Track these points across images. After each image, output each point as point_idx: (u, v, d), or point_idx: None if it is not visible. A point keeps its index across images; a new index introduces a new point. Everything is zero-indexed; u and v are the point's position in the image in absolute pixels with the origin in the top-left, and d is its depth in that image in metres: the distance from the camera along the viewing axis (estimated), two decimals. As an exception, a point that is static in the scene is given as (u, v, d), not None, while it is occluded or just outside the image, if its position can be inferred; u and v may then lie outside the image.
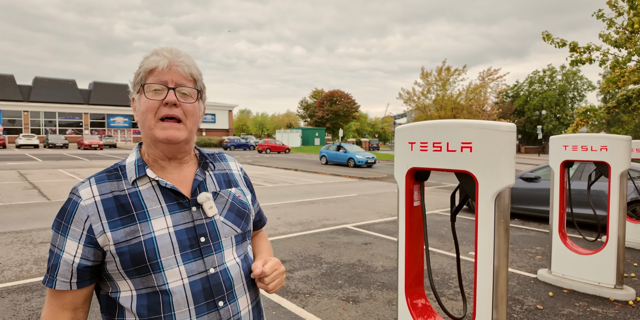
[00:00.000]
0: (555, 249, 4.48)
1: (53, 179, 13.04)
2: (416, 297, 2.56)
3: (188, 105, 1.01)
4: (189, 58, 1.03)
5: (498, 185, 2.06)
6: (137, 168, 1.02)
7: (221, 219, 1.06)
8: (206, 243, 1.02)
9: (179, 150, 1.05)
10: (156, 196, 1.00)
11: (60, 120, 45.75)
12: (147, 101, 0.99)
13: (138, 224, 0.96)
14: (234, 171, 1.21)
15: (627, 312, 3.70)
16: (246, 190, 1.20)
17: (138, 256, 0.94)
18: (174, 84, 0.99)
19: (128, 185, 1.00)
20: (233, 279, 1.05)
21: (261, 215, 1.35)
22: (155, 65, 0.98)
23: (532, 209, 7.75)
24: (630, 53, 6.52)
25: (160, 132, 0.98)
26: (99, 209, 0.96)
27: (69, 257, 0.95)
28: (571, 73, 52.42)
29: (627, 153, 4.11)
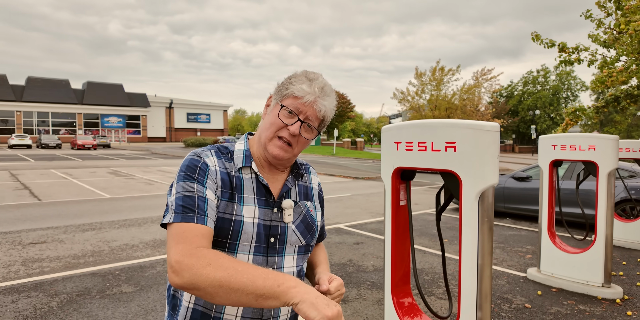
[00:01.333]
0: (545, 248, 4.51)
1: (45, 179, 12.95)
2: (403, 296, 2.57)
3: (304, 139, 1.12)
4: (332, 101, 1.13)
5: (482, 185, 2.07)
6: (245, 158, 1.13)
7: (292, 227, 1.14)
8: (274, 244, 1.10)
9: (284, 165, 1.16)
10: (253, 187, 1.10)
11: (53, 120, 45.43)
12: (276, 118, 1.09)
13: (235, 203, 1.06)
14: (313, 186, 1.28)
15: (614, 310, 3.73)
16: (318, 206, 1.26)
17: (223, 231, 1.02)
18: (304, 117, 1.09)
19: (235, 168, 1.11)
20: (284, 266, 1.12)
21: (323, 230, 1.38)
22: (303, 95, 1.08)
23: (524, 208, 7.79)
24: (618, 53, 6.59)
25: (272, 148, 1.10)
26: (218, 177, 1.06)
27: (212, 202, 1.02)
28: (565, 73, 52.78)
29: (614, 152, 4.15)
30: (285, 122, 1.09)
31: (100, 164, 19.38)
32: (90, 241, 5.72)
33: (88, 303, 3.64)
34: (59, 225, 6.63)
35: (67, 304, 3.60)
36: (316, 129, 1.13)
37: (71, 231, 6.28)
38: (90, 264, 4.71)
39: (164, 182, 12.89)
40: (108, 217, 7.39)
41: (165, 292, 3.89)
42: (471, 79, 32.10)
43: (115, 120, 49.07)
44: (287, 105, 1.09)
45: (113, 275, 4.36)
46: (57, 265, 4.64)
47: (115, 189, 11.11)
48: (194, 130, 55.92)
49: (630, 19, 5.25)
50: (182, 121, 55.46)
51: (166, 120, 54.07)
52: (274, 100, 1.14)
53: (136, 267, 4.64)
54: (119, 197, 9.73)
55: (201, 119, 57.10)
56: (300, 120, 1.09)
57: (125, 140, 49.37)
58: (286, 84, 1.11)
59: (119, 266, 4.67)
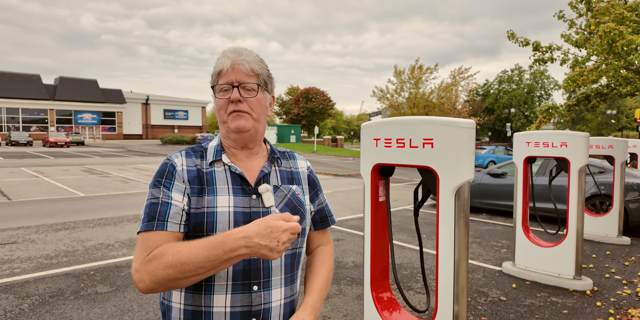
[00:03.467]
0: (519, 242, 4.63)
1: (15, 177, 12.51)
2: (382, 291, 2.60)
3: (251, 99, 1.12)
4: (251, 55, 1.13)
5: (458, 180, 2.10)
6: (215, 152, 1.16)
7: (276, 212, 1.13)
8: None
9: (249, 139, 1.16)
10: (226, 178, 1.12)
11: (23, 116, 43.86)
12: (218, 100, 1.13)
13: (206, 196, 1.08)
14: (301, 169, 1.28)
15: (584, 301, 3.87)
16: (307, 189, 1.26)
17: (198, 225, 1.05)
18: (237, 82, 1.10)
19: (207, 165, 1.14)
20: (272, 269, 1.11)
21: (323, 214, 1.33)
22: (222, 67, 1.11)
23: (499, 204, 7.98)
24: (589, 53, 6.81)
25: (231, 123, 1.11)
26: (185, 176, 1.10)
27: (178, 204, 1.05)
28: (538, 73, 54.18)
29: (585, 149, 4.29)
30: (226, 97, 1.11)
31: (73, 162, 18.84)
32: (64, 241, 5.56)
33: (62, 304, 3.54)
34: (30, 225, 6.43)
35: (39, 306, 3.50)
36: (256, 84, 1.13)
37: (43, 231, 6.09)
38: (64, 264, 4.58)
39: (140, 180, 12.64)
40: (82, 216, 7.20)
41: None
42: (449, 77, 32.63)
43: (90, 116, 47.75)
44: (219, 84, 1.12)
45: (88, 276, 4.25)
46: (28, 266, 4.49)
47: (90, 187, 10.83)
48: (172, 127, 54.94)
49: (600, 20, 5.44)
50: (159, 118, 54.41)
51: (142, 117, 52.94)
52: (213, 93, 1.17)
53: (112, 267, 4.54)
54: (94, 195, 9.49)
55: (179, 115, 56.15)
56: (234, 86, 1.10)
57: (100, 138, 48.13)
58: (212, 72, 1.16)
59: (94, 266, 4.56)
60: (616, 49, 5.10)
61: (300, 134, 47.34)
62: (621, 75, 6.24)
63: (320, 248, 1.35)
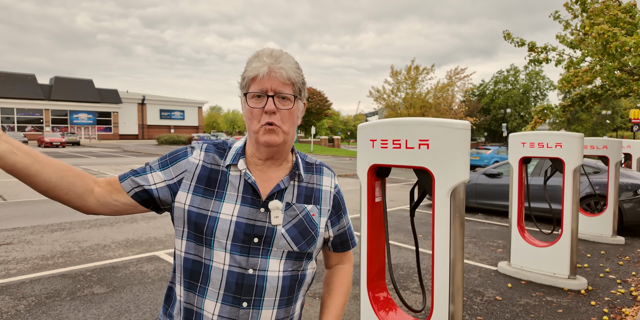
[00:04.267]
0: (514, 242, 4.66)
1: (10, 178, 12.44)
2: (378, 291, 2.61)
3: (285, 111, 1.06)
4: (288, 61, 1.06)
5: (453, 181, 2.12)
6: (235, 155, 1.11)
7: (282, 231, 1.07)
8: (257, 245, 1.05)
9: (276, 152, 1.10)
10: (238, 184, 1.08)
11: (18, 116, 43.59)
12: (250, 109, 1.06)
13: (213, 200, 1.06)
14: (325, 188, 1.19)
15: (579, 300, 3.90)
16: (326, 210, 1.17)
17: (199, 226, 1.04)
18: (273, 91, 1.04)
19: (223, 167, 1.10)
20: (266, 289, 1.05)
21: (344, 238, 1.26)
22: (257, 73, 1.04)
23: (495, 204, 8.02)
24: (584, 54, 6.86)
25: (262, 137, 1.05)
26: (196, 171, 1.08)
27: (149, 179, 1.07)
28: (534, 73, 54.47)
29: (579, 150, 4.32)
30: (259, 106, 1.04)
31: (69, 162, 18.68)
32: (60, 242, 5.54)
33: (58, 305, 3.53)
34: (25, 226, 6.40)
35: (35, 307, 3.49)
36: (292, 95, 1.06)
37: (39, 232, 6.07)
38: (60, 265, 4.57)
39: (137, 180, 12.60)
40: (78, 216, 7.18)
41: (138, 293, 3.83)
42: (445, 77, 32.76)
43: (85, 117, 47.52)
44: (252, 91, 1.05)
45: (84, 277, 4.24)
46: (24, 267, 4.48)
47: (86, 187, 10.79)
48: (168, 127, 54.77)
49: (594, 21, 5.49)
50: (155, 118, 54.25)
51: (138, 117, 52.76)
52: (242, 96, 1.11)
53: (108, 268, 4.53)
54: (90, 196, 9.45)
55: (175, 115, 55.99)
56: (269, 96, 1.04)
57: (95, 138, 47.91)
58: (242, 75, 1.09)
59: (90, 267, 4.55)
60: (610, 50, 5.14)
61: (297, 134, 47.35)
62: (615, 76, 6.29)
63: (339, 266, 1.30)
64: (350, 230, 1.29)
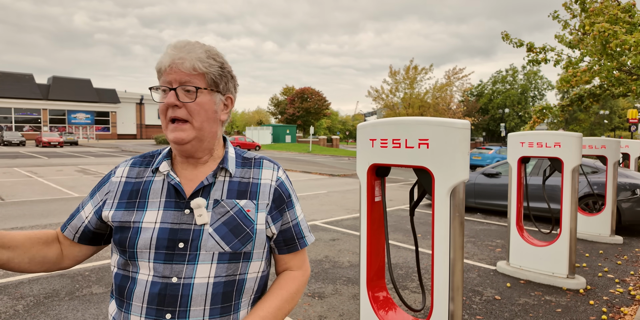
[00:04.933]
0: (513, 241, 4.67)
1: (8, 178, 12.40)
2: (378, 290, 2.61)
3: (192, 104, 0.97)
4: (193, 51, 0.97)
5: (453, 180, 2.12)
6: (161, 159, 1.06)
7: (209, 230, 0.98)
8: (183, 250, 0.96)
9: (192, 151, 1.02)
10: (161, 189, 1.02)
11: (16, 116, 43.47)
12: (159, 104, 1.00)
13: (135, 211, 1.00)
14: (264, 181, 1.08)
15: (577, 300, 3.91)
16: (264, 204, 1.05)
17: (123, 240, 0.99)
18: (177, 83, 0.97)
19: (149, 173, 1.05)
20: (192, 298, 0.96)
21: (289, 235, 1.11)
22: (160, 66, 0.98)
23: (494, 203, 8.03)
24: (582, 54, 6.89)
25: (170, 134, 1.00)
26: (118, 189, 1.04)
27: (82, 216, 1.07)
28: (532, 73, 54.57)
29: (578, 149, 4.33)
30: (164, 101, 0.98)
31: (67, 162, 18.71)
32: (58, 241, 5.53)
33: (57, 305, 3.52)
34: (23, 226, 6.38)
35: (34, 307, 3.48)
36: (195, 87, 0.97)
37: (37, 231, 6.05)
38: (58, 265, 4.56)
39: (135, 180, 12.57)
40: (76, 216, 7.16)
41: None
42: (443, 77, 32.80)
43: (83, 116, 47.42)
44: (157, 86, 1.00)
45: (83, 276, 4.23)
46: (22, 267, 4.46)
47: (84, 187, 10.77)
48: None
49: (594, 21, 5.51)
50: (154, 118, 54.15)
51: (137, 116, 52.67)
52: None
53: (107, 268, 4.52)
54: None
55: (174, 115, 55.87)
56: (171, 88, 0.97)
57: (93, 138, 47.81)
58: None
59: (89, 267, 4.54)
60: (609, 49, 5.16)
61: (296, 134, 47.32)
62: (614, 76, 6.31)
63: (286, 273, 1.15)
64: (299, 228, 1.13)
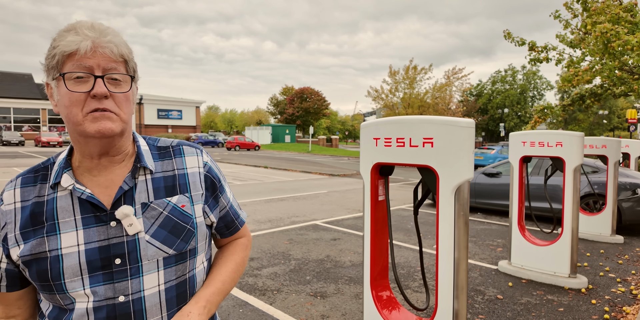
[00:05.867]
0: (515, 241, 4.67)
1: (7, 178, 12.39)
2: (381, 290, 2.61)
3: (121, 95, 0.86)
4: (117, 35, 0.86)
5: (458, 179, 2.12)
6: (58, 171, 0.89)
7: (146, 238, 0.89)
8: (122, 266, 0.87)
9: (112, 145, 0.89)
10: (71, 206, 0.87)
11: (15, 116, 43.42)
12: (69, 93, 0.82)
13: (45, 237, 0.85)
14: (190, 170, 0.99)
15: (579, 299, 3.91)
16: (198, 195, 0.98)
17: (42, 274, 0.84)
18: (101, 70, 0.83)
19: (49, 190, 0.89)
20: (147, 311, 0.89)
21: (229, 218, 1.08)
22: (76, 47, 0.80)
23: (494, 203, 8.03)
24: (584, 53, 6.90)
25: (91, 126, 0.83)
26: (16, 218, 0.87)
27: None
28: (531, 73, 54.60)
29: (580, 149, 4.33)
30: (84, 90, 0.82)
31: (67, 162, 18.68)
32: (59, 241, 5.51)
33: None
34: (24, 226, 6.37)
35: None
36: (128, 75, 0.88)
37: (38, 231, 6.03)
38: (60, 265, 4.54)
39: (135, 180, 12.56)
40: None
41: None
42: (443, 77, 32.83)
43: (83, 116, 47.38)
44: (69, 71, 0.82)
45: None
46: (23, 267, 4.45)
47: (84, 187, 10.75)
48: (165, 127, 54.64)
49: (596, 20, 5.51)
50: (153, 117, 54.10)
51: (136, 116, 52.62)
52: (50, 81, 0.87)
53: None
54: (88, 195, 9.41)
55: (172, 115, 55.86)
56: (97, 76, 0.82)
57: (93, 137, 47.76)
58: (49, 53, 0.85)
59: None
60: (611, 49, 5.16)
61: (295, 134, 47.33)
62: (616, 75, 6.32)
63: (233, 241, 1.13)
64: (234, 209, 1.09)
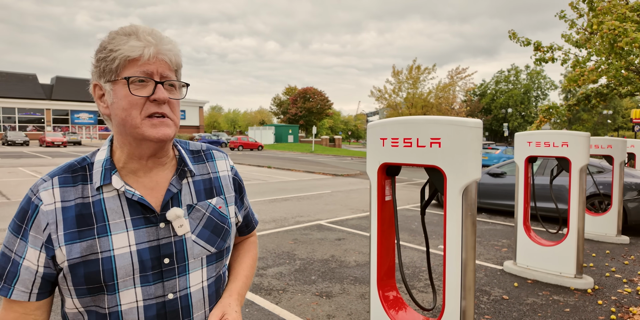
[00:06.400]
0: (520, 241, 4.65)
1: (13, 177, 12.46)
2: (388, 290, 2.61)
3: (174, 102, 0.91)
4: (174, 44, 0.92)
5: (465, 180, 2.12)
6: (104, 172, 0.90)
7: (192, 238, 0.94)
8: (170, 265, 0.91)
9: (162, 148, 0.93)
10: (121, 208, 0.89)
11: (20, 116, 43.65)
12: (130, 97, 0.85)
13: (97, 238, 0.86)
14: (222, 173, 1.06)
15: (585, 300, 3.90)
16: (231, 198, 1.06)
17: (93, 276, 0.85)
18: (159, 76, 0.87)
19: (93, 191, 0.89)
20: (193, 307, 0.95)
21: (249, 219, 1.19)
22: (140, 53, 0.84)
23: (499, 203, 8.01)
24: (590, 53, 6.87)
25: (151, 131, 0.86)
26: (58, 218, 0.86)
27: (31, 266, 0.86)
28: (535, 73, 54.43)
29: (586, 149, 4.32)
30: (145, 95, 0.86)
31: (71, 162, 18.77)
32: (65, 241, 5.54)
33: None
34: (30, 225, 6.40)
35: (43, 306, 3.48)
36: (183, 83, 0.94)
37: (44, 231, 6.06)
38: (66, 264, 4.57)
39: (139, 179, 12.60)
40: (82, 216, 7.18)
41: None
42: (446, 77, 32.75)
43: (86, 116, 47.57)
44: (132, 75, 0.85)
45: None
46: (30, 266, 4.47)
47: (89, 187, 10.80)
48: (169, 127, 54.79)
49: (602, 20, 5.49)
50: (157, 118, 54.27)
51: (140, 116, 52.76)
52: (105, 84, 0.88)
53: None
54: (93, 195, 9.45)
55: (176, 115, 56.02)
56: (157, 82, 0.87)
57: (97, 137, 47.95)
58: (106, 56, 0.86)
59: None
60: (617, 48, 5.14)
61: (298, 134, 47.35)
62: (622, 75, 6.28)
63: (247, 239, 1.24)
64: (251, 209, 1.20)
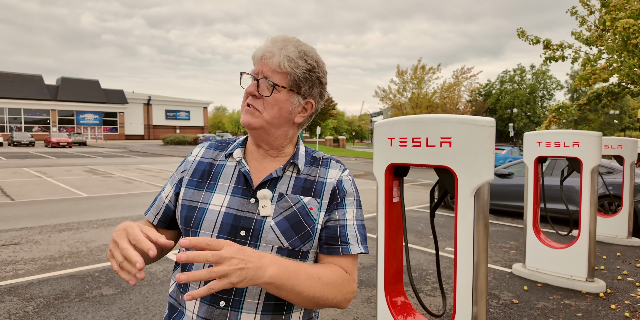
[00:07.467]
0: (530, 243, 4.55)
1: (18, 178, 12.47)
2: (395, 295, 2.53)
3: (268, 98, 1.00)
4: (284, 48, 0.99)
5: (477, 181, 2.04)
6: (236, 146, 1.10)
7: (271, 223, 0.97)
8: (244, 238, 0.97)
9: (259, 139, 1.05)
10: (232, 175, 1.05)
11: (25, 117, 43.91)
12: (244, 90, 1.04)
13: (204, 191, 1.03)
14: (328, 180, 1.05)
15: (598, 304, 3.79)
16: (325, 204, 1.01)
17: (188, 219, 1.01)
18: (262, 75, 1.00)
19: (222, 158, 1.09)
20: (247, 288, 0.95)
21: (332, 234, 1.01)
22: (254, 54, 1.03)
23: (506, 204, 7.90)
24: (601, 51, 6.73)
25: (242, 116, 1.03)
26: (192, 167, 1.08)
27: (163, 196, 1.09)
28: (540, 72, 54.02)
29: (598, 149, 4.21)
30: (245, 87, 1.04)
31: (76, 162, 18.81)
32: (68, 242, 5.50)
33: (67, 307, 3.48)
34: (33, 226, 6.37)
35: (44, 309, 3.44)
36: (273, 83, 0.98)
37: (47, 232, 6.03)
38: (68, 266, 4.52)
39: (142, 180, 12.58)
40: (86, 216, 7.15)
41: (147, 294, 3.77)
42: (451, 77, 32.56)
43: (92, 117, 47.76)
44: (244, 73, 1.05)
45: (92, 277, 4.19)
46: (32, 268, 4.43)
47: (93, 187, 10.78)
48: (173, 128, 54.92)
49: (615, 17, 5.36)
50: (161, 118, 54.43)
51: (144, 117, 52.95)
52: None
53: (117, 268, 4.47)
54: (97, 196, 9.44)
55: (180, 116, 56.14)
56: (255, 78, 1.01)
57: (102, 138, 48.14)
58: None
59: (99, 267, 4.50)
60: (631, 46, 5.01)
61: (302, 135, 47.30)
62: (636, 73, 6.14)
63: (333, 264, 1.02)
64: (345, 231, 1.01)
